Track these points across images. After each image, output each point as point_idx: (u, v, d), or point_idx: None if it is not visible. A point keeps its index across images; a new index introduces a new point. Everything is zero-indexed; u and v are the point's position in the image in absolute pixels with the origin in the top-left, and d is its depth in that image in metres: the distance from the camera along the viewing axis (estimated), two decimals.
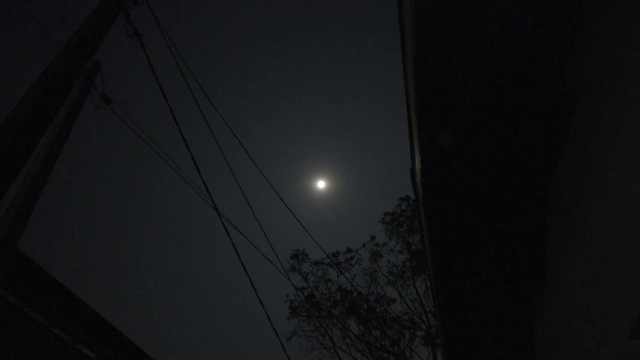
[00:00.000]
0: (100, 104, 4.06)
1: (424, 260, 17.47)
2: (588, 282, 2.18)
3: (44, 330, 5.62)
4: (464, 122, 2.60)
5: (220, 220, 5.08)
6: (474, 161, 2.77)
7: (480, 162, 2.78)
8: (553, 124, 2.54)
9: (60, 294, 5.55)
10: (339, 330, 19.22)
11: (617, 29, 1.86)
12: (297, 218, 6.74)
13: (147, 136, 5.00)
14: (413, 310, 18.67)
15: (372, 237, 20.41)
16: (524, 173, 2.80)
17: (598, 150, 2.05)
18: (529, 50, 2.29)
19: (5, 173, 2.45)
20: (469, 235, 3.19)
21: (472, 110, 2.54)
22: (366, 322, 18.93)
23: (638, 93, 1.65)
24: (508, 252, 3.23)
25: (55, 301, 5.62)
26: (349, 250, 20.50)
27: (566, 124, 2.49)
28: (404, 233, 19.58)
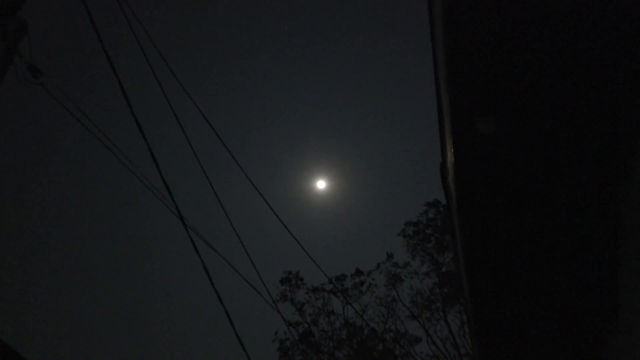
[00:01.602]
0: (27, 77, 4.06)
1: (458, 286, 17.47)
2: None
3: None
4: (512, 101, 2.59)
5: (186, 232, 5.08)
6: (526, 155, 2.77)
7: (533, 156, 2.78)
8: (632, 106, 2.53)
9: None
10: None
11: None
12: (287, 228, 6.75)
13: (88, 120, 5.00)
14: (444, 352, 18.70)
15: (390, 255, 20.45)
16: (592, 171, 2.80)
17: None
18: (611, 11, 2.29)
19: None
20: (518, 253, 3.19)
21: (524, 84, 2.54)
22: None
23: None
24: (570, 277, 3.23)
25: None
26: (359, 272, 20.53)
27: None
28: (432, 249, 19.62)
